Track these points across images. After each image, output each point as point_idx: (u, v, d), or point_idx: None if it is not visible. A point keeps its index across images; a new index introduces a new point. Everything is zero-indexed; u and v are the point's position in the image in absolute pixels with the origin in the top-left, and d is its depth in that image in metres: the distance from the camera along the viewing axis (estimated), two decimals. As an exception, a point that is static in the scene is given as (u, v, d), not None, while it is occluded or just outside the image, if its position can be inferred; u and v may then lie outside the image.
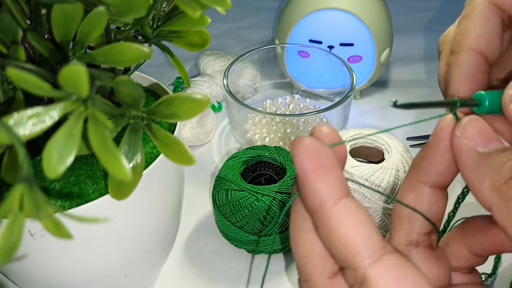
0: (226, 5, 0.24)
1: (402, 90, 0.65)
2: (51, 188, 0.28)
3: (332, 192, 0.19)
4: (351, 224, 0.18)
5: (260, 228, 0.40)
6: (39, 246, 0.27)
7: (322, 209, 0.19)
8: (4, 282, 0.39)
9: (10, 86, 0.25)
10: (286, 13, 0.57)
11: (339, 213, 0.18)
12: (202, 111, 0.23)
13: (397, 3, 0.80)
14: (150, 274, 0.38)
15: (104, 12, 0.22)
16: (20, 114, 0.18)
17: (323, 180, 0.19)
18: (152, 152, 0.30)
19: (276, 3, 0.87)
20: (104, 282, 0.32)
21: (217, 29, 0.79)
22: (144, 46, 0.21)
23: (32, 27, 0.25)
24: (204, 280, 0.42)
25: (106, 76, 0.22)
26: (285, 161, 0.43)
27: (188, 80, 0.32)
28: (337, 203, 0.19)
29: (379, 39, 0.55)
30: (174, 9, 0.29)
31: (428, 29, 0.78)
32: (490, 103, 0.24)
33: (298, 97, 0.59)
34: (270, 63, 0.64)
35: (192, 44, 0.30)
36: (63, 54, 0.24)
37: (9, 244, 0.17)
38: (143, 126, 0.24)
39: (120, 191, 0.25)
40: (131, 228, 0.30)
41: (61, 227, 0.19)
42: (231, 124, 0.55)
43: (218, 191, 0.42)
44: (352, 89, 0.50)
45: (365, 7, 0.54)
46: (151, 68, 0.67)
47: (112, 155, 0.20)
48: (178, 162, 0.24)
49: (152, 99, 0.36)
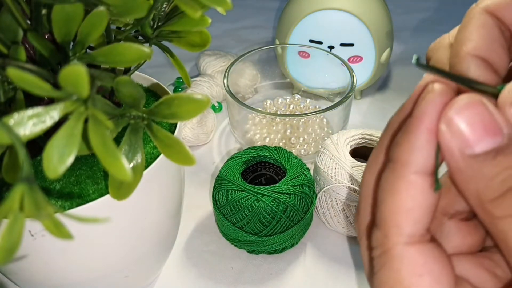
0: (226, 5, 0.24)
1: (403, 90, 0.65)
2: (51, 188, 0.28)
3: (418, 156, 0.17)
4: (407, 199, 0.17)
5: (261, 228, 0.40)
6: (39, 246, 0.27)
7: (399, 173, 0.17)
8: (4, 282, 0.39)
9: (11, 86, 0.25)
10: (287, 14, 0.57)
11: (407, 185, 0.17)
12: (202, 111, 0.23)
13: (397, 3, 0.80)
14: (150, 274, 0.38)
15: (105, 12, 0.22)
16: (21, 114, 0.18)
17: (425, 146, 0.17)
18: (153, 152, 0.30)
19: (277, 3, 0.87)
20: (105, 282, 0.32)
21: (217, 29, 0.79)
22: (145, 46, 0.21)
23: (32, 27, 0.25)
24: (204, 280, 0.42)
25: (106, 76, 0.22)
26: (285, 162, 0.43)
27: (188, 80, 0.32)
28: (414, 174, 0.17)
29: (380, 40, 0.55)
30: (174, 9, 0.29)
31: (428, 30, 0.78)
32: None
33: (298, 97, 0.59)
34: (270, 64, 0.64)
35: (192, 44, 0.30)
36: (63, 54, 0.24)
37: (10, 244, 0.17)
38: (143, 126, 0.24)
39: (121, 191, 0.25)
40: (132, 228, 0.30)
41: (61, 227, 0.19)
42: (231, 124, 0.55)
43: (219, 191, 0.42)
44: (353, 89, 0.50)
45: (365, 7, 0.54)
46: (152, 68, 0.67)
47: (112, 155, 0.20)
48: (179, 162, 0.24)
49: (153, 99, 0.36)
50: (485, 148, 0.16)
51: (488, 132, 0.16)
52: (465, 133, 0.16)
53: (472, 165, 0.17)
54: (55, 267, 0.29)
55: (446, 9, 0.83)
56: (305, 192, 0.41)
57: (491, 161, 0.16)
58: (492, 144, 0.16)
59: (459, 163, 0.17)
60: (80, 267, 0.30)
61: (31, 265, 0.28)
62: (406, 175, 0.17)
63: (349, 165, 0.41)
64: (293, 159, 0.44)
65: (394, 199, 0.18)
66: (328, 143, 0.44)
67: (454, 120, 0.17)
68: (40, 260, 0.28)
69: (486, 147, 0.16)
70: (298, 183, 0.41)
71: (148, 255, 0.34)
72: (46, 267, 0.29)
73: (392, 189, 0.18)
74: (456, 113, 0.17)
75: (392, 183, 0.18)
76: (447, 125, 0.17)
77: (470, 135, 0.16)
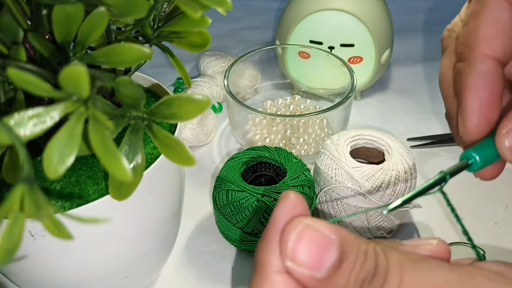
0: (226, 6, 0.24)
1: (403, 91, 0.65)
2: (51, 188, 0.28)
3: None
4: None
5: (261, 229, 0.40)
6: (39, 247, 0.27)
7: None
8: (4, 282, 0.39)
9: (11, 87, 0.25)
10: (287, 14, 0.57)
11: None
12: (202, 111, 0.23)
13: (397, 4, 0.80)
14: (150, 274, 0.38)
15: (105, 12, 0.22)
16: (21, 115, 0.18)
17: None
18: (153, 152, 0.30)
19: (277, 4, 0.87)
20: (105, 283, 0.32)
21: (217, 30, 0.79)
22: (145, 47, 0.21)
23: (33, 28, 0.25)
24: (204, 281, 0.42)
25: (106, 76, 0.22)
26: (285, 162, 0.43)
27: (188, 81, 0.32)
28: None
29: (380, 40, 0.56)
30: (174, 10, 0.29)
31: (428, 30, 0.78)
32: (483, 159, 0.22)
33: (298, 98, 0.59)
34: (270, 64, 0.64)
35: (192, 44, 0.30)
36: (63, 55, 0.24)
37: (10, 244, 0.17)
38: (143, 127, 0.24)
39: (121, 192, 0.25)
40: (132, 229, 0.30)
41: (61, 228, 0.19)
42: (231, 124, 0.55)
43: (219, 191, 0.42)
44: (353, 90, 0.50)
45: (365, 8, 0.54)
46: (152, 69, 0.67)
47: (112, 156, 0.20)
48: (179, 162, 0.24)
49: (153, 99, 0.36)
50: (329, 264, 0.18)
51: (323, 249, 0.18)
52: (308, 262, 0.18)
53: (327, 284, 0.18)
54: (55, 268, 0.29)
55: (446, 9, 0.83)
56: (305, 193, 0.41)
57: (339, 270, 0.18)
58: (333, 257, 0.18)
59: (317, 286, 0.18)
60: (80, 267, 0.30)
61: (31, 266, 0.28)
62: (268, 275, 0.19)
63: (349, 165, 0.41)
64: (293, 159, 0.44)
65: None
66: (328, 143, 0.44)
67: (296, 255, 0.18)
68: (40, 260, 0.28)
69: (330, 263, 0.18)
70: (298, 184, 0.41)
71: (148, 256, 0.34)
72: (46, 268, 0.29)
73: None
74: (294, 248, 0.18)
75: (258, 284, 0.19)
76: (292, 261, 0.18)
77: (312, 261, 0.18)
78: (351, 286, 0.18)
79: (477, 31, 0.24)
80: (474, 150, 0.23)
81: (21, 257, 0.27)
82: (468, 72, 0.24)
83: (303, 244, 0.18)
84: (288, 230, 0.18)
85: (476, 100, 0.23)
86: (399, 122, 0.59)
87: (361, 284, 0.18)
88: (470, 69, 0.24)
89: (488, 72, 0.23)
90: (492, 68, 0.23)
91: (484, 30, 0.24)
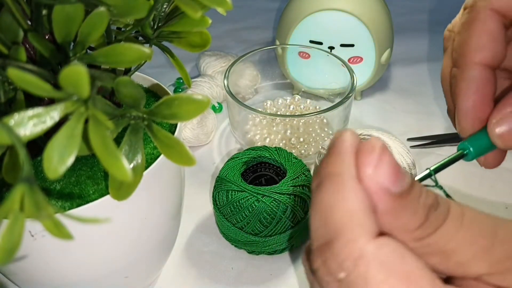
0: (226, 6, 0.24)
1: (403, 91, 0.65)
2: (51, 188, 0.28)
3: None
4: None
5: (261, 229, 0.40)
6: (39, 247, 0.27)
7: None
8: (4, 282, 0.39)
9: (11, 87, 0.25)
10: (287, 14, 0.57)
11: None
12: (202, 111, 0.23)
13: (397, 4, 0.80)
14: (150, 274, 0.38)
15: (105, 12, 0.22)
16: (21, 115, 0.18)
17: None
18: (153, 152, 0.30)
19: (277, 4, 0.87)
20: (105, 283, 0.32)
21: (217, 30, 0.79)
22: (145, 47, 0.21)
23: (33, 28, 0.25)
24: (204, 281, 0.42)
25: (106, 76, 0.22)
26: (285, 162, 0.43)
27: (188, 81, 0.32)
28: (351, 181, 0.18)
29: (380, 40, 0.55)
30: (174, 10, 0.29)
31: (428, 30, 0.78)
32: (477, 148, 0.25)
33: (298, 98, 0.59)
34: (270, 64, 0.64)
35: (192, 44, 0.30)
36: (63, 55, 0.24)
37: (10, 244, 0.17)
38: (143, 127, 0.24)
39: (121, 192, 0.25)
40: (132, 229, 0.30)
41: (61, 228, 0.19)
42: (231, 125, 0.55)
43: (219, 191, 0.42)
44: (353, 90, 0.50)
45: (365, 8, 0.54)
46: (152, 69, 0.67)
47: (112, 156, 0.20)
48: (179, 162, 0.24)
49: (153, 99, 0.36)
50: (405, 183, 0.18)
51: (400, 172, 0.18)
52: (389, 175, 0.18)
53: (399, 203, 0.18)
54: (55, 268, 0.29)
55: (446, 9, 0.83)
56: (306, 193, 0.41)
57: (412, 192, 0.18)
58: (408, 180, 0.18)
59: (386, 207, 0.18)
60: (80, 267, 0.30)
61: (31, 266, 0.28)
62: (345, 182, 0.18)
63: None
64: (293, 159, 0.44)
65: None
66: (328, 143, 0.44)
67: (380, 165, 0.18)
68: (40, 260, 0.28)
69: (405, 184, 0.18)
70: (299, 184, 0.41)
71: (148, 256, 0.34)
72: (46, 268, 0.29)
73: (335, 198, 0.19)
74: (380, 158, 0.18)
75: (336, 193, 0.18)
76: (376, 168, 0.18)
77: (392, 176, 0.18)
78: (421, 210, 0.18)
79: (469, 41, 0.27)
80: (469, 141, 0.26)
81: (21, 257, 0.27)
82: (460, 78, 0.27)
83: (386, 159, 0.18)
84: (374, 143, 0.18)
85: (469, 102, 0.26)
86: (399, 122, 0.59)
87: (428, 210, 0.18)
88: (463, 75, 0.27)
89: (479, 77, 0.26)
90: (482, 74, 0.26)
91: (474, 40, 0.27)
